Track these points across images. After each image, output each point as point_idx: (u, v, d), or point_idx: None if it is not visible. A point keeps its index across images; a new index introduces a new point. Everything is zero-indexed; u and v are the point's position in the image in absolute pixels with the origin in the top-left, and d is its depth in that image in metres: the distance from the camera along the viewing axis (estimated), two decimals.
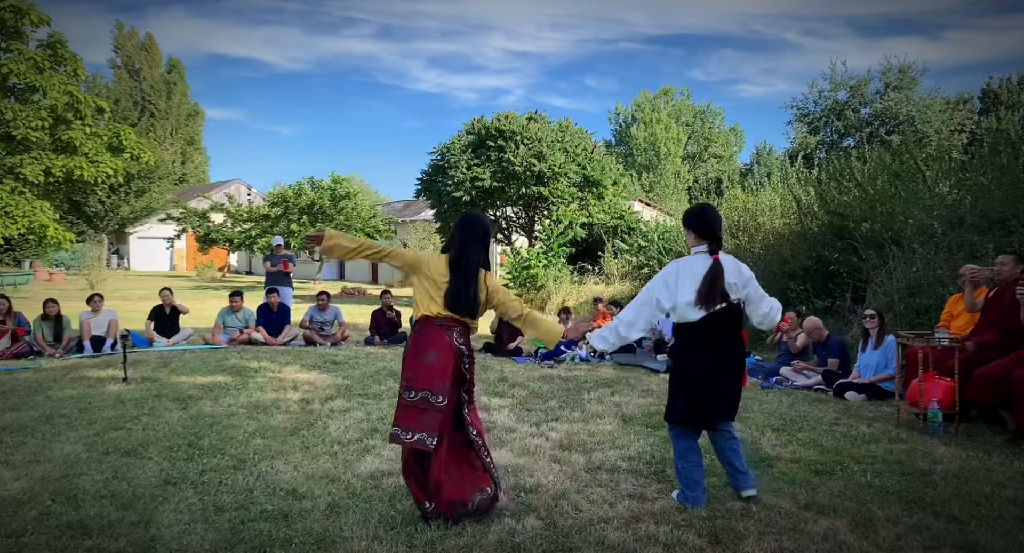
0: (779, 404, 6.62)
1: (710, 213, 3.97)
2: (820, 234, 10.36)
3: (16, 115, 16.86)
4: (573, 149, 18.37)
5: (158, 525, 3.38)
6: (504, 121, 17.77)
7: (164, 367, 7.86)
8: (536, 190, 17.32)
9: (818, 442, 5.17)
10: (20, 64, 17.33)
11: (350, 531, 3.43)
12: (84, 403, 6.00)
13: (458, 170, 17.45)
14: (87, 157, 17.59)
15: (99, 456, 4.51)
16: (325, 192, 24.50)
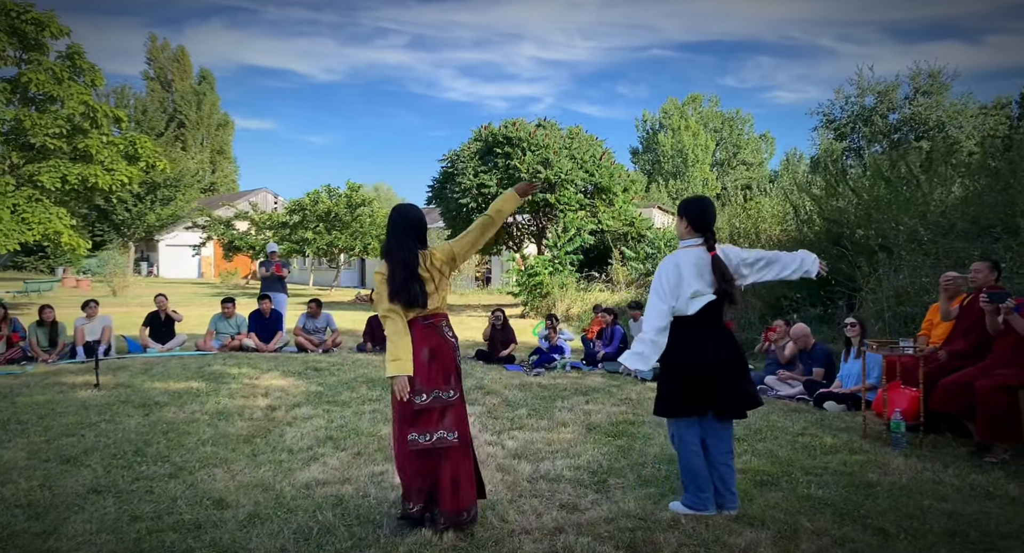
0: (753, 413, 6.42)
1: (709, 205, 3.86)
2: (816, 241, 10.12)
3: (34, 124, 17.26)
4: (581, 156, 18.26)
5: (61, 536, 3.36)
6: (511, 128, 17.74)
7: (144, 373, 7.93)
8: (543, 197, 17.24)
9: (774, 453, 5.03)
10: (39, 74, 17.75)
11: (258, 542, 3.39)
12: (47, 409, 6.06)
13: (465, 177, 17.45)
14: (103, 165, 17.92)
15: (38, 463, 4.53)
16: (342, 200, 24.68)
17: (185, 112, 57.33)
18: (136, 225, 34.61)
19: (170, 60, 61.10)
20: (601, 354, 10.17)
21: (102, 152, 18.07)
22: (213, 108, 59.23)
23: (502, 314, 10.44)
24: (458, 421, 3.61)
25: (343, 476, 4.49)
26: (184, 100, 57.87)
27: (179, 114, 57.30)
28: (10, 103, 18.02)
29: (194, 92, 58.51)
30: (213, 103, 59.49)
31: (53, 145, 17.63)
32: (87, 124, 18.15)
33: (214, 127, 58.52)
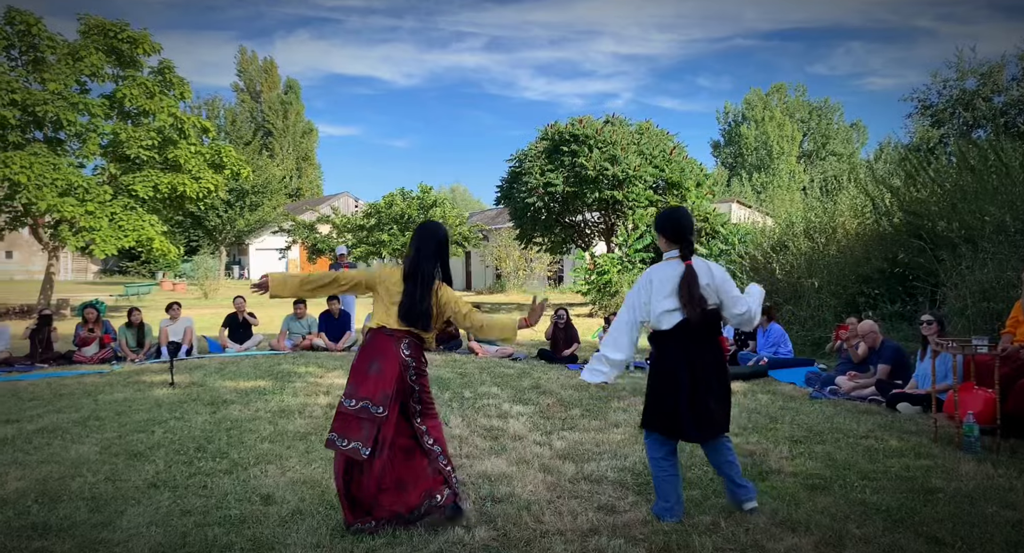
0: (817, 415, 6.21)
1: (682, 217, 3.80)
2: (895, 235, 9.62)
3: (129, 137, 18.34)
4: (650, 151, 17.96)
5: (115, 528, 3.54)
6: (578, 125, 17.63)
7: (217, 372, 8.29)
8: (610, 194, 17.05)
9: (831, 456, 4.82)
10: (133, 89, 18.84)
11: (295, 538, 3.48)
12: (125, 406, 6.42)
13: (531, 176, 17.45)
14: (190, 174, 18.87)
15: (107, 458, 4.80)
16: (414, 202, 25.15)
17: (272, 121, 59.62)
18: (227, 230, 36.29)
19: (259, 71, 63.64)
20: None
21: (190, 161, 19.04)
22: (298, 116, 61.35)
23: (565, 313, 10.39)
24: (380, 438, 3.55)
25: None
26: (271, 109, 60.19)
27: (267, 123, 59.66)
28: (108, 118, 19.20)
29: (281, 101, 60.76)
30: (298, 112, 61.61)
31: (146, 156, 18.69)
32: (176, 135, 19.15)
33: (299, 135, 60.62)
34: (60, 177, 17.00)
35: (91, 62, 18.36)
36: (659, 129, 19.78)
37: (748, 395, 7.31)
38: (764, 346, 9.36)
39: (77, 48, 18.45)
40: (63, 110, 17.39)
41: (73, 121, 17.75)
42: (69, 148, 19.10)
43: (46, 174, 16.79)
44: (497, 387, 7.48)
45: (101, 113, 18.51)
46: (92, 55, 18.46)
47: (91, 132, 18.31)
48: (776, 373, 8.61)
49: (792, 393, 7.46)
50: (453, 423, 5.91)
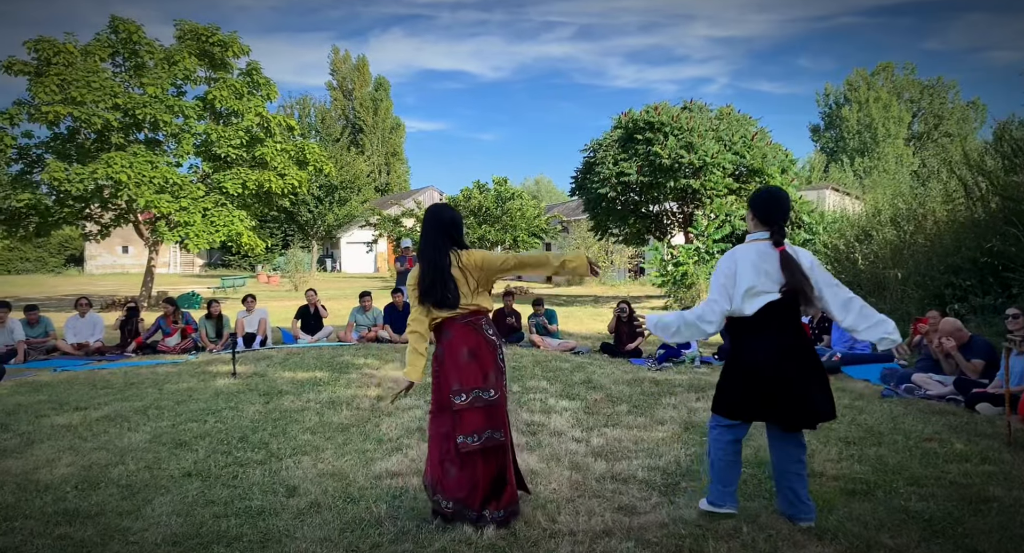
0: (882, 415, 5.81)
1: (780, 198, 3.54)
2: (990, 222, 8.87)
3: (220, 136, 19.20)
4: (730, 137, 17.30)
5: (139, 516, 3.67)
6: (653, 113, 17.18)
7: (281, 363, 8.55)
8: (686, 183, 16.55)
9: (883, 459, 4.49)
10: (223, 91, 19.70)
11: (305, 532, 3.51)
12: (186, 395, 6.70)
13: (604, 166, 17.15)
14: (276, 171, 19.59)
15: (154, 446, 5.00)
16: (491, 195, 25.25)
17: (363, 118, 61.30)
18: (317, 225, 37.58)
19: (351, 70, 65.51)
20: None
21: (276, 159, 19.76)
22: (387, 113, 62.80)
23: (627, 306, 10.14)
24: (503, 420, 3.60)
25: (417, 468, 4.55)
26: (362, 106, 61.88)
27: (358, 120, 61.40)
28: (201, 118, 20.17)
29: (371, 99, 62.36)
30: (387, 108, 63.07)
31: (235, 154, 19.54)
32: (262, 134, 19.92)
33: (388, 131, 62.07)
34: (157, 175, 17.98)
35: (184, 66, 19.30)
36: (741, 114, 19.04)
37: None
38: (839, 341, 8.85)
39: (172, 53, 19.43)
40: (159, 112, 18.37)
41: (168, 122, 18.73)
42: (167, 148, 20.17)
43: (144, 173, 17.80)
44: (547, 381, 7.38)
45: (194, 114, 19.44)
46: (185, 59, 19.40)
47: (185, 133, 19.27)
48: (850, 369, 8.12)
49: (863, 391, 7.01)
50: None
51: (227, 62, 20.78)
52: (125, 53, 19.75)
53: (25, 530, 3.43)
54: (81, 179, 17.20)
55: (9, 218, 18.76)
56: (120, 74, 19.70)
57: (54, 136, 19.10)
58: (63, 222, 19.83)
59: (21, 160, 19.24)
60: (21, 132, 18.82)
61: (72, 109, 17.52)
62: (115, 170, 17.30)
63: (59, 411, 6.02)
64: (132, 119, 18.47)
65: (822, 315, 9.37)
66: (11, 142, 18.41)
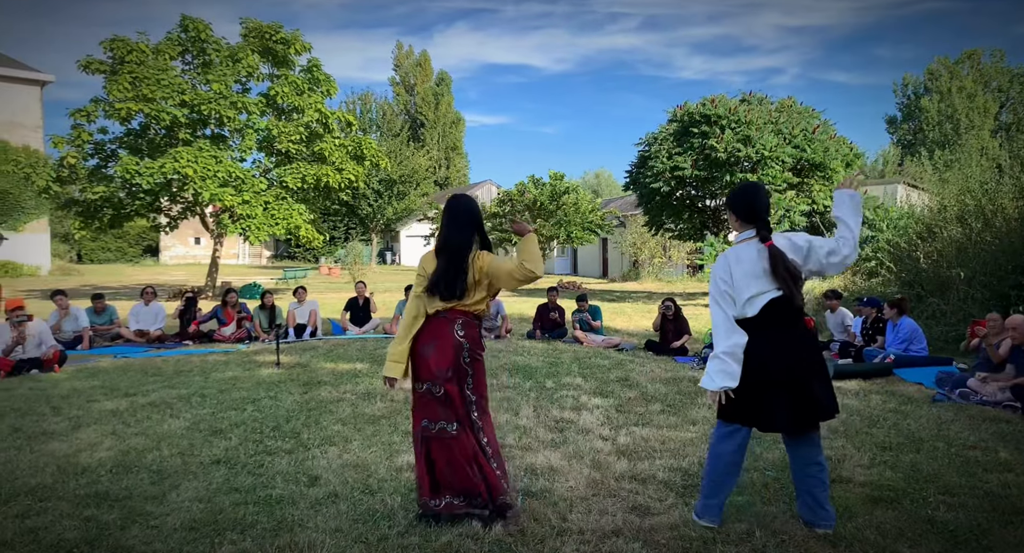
0: (928, 420, 5.58)
1: (757, 194, 3.45)
2: None
3: (280, 132, 19.71)
4: (789, 130, 16.79)
5: (164, 501, 3.81)
6: (709, 105, 16.80)
7: (325, 354, 8.73)
8: (743, 177, 16.14)
9: (917, 466, 4.32)
10: (285, 87, 20.20)
11: (318, 522, 3.58)
12: (230, 384, 6.91)
13: (658, 160, 16.87)
14: (334, 165, 20.00)
15: (190, 433, 5.18)
16: (546, 189, 25.16)
17: (424, 112, 61.94)
18: (377, 218, 38.23)
19: (413, 65, 66.24)
20: None
21: (334, 154, 20.17)
22: (448, 107, 63.28)
23: (672, 304, 9.99)
24: (459, 416, 3.58)
25: None
26: (424, 101, 62.52)
27: (419, 114, 62.09)
28: (264, 114, 20.73)
29: (433, 93, 62.93)
30: (448, 103, 63.54)
31: (295, 149, 20.03)
32: (321, 129, 20.35)
33: (448, 125, 62.55)
34: (221, 169, 18.58)
35: (248, 63, 19.86)
36: (803, 106, 18.46)
37: (859, 395, 6.68)
38: (893, 342, 8.50)
39: (236, 50, 20.01)
40: (223, 108, 18.96)
41: (232, 118, 19.32)
42: (232, 143, 20.81)
43: (209, 167, 18.41)
44: (582, 378, 7.32)
45: (257, 110, 19.99)
46: (249, 57, 19.96)
47: (249, 128, 19.84)
48: (904, 372, 7.79)
49: (914, 395, 6.72)
50: (523, 414, 5.85)
51: (289, 59, 21.27)
52: (194, 51, 20.45)
53: (56, 511, 3.60)
54: (151, 173, 17.90)
55: (85, 210, 19.68)
56: (189, 72, 20.41)
57: (127, 132, 19.92)
58: (135, 214, 20.68)
59: (97, 155, 20.13)
60: (97, 128, 19.72)
61: (143, 106, 18.24)
62: (182, 164, 17.94)
63: (109, 397, 6.30)
64: (198, 115, 19.12)
65: (876, 315, 9.03)
66: (88, 138, 19.31)
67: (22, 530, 3.34)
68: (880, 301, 9.12)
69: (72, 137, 19.18)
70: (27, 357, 7.66)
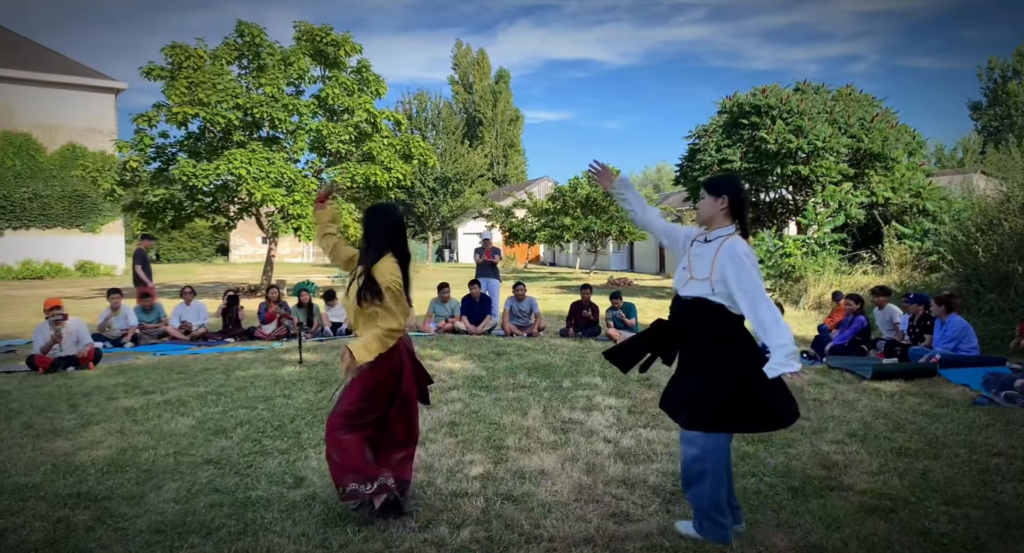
0: (958, 424, 5.24)
1: (747, 191, 3.36)
2: None
3: (330, 132, 20.02)
4: (845, 120, 16.05)
5: (141, 502, 3.82)
6: (760, 95, 16.21)
7: None
8: (794, 169, 15.51)
9: (929, 475, 4.04)
10: (335, 88, 20.51)
11: (286, 525, 3.53)
12: (248, 382, 6.98)
13: (706, 153, 16.38)
14: (382, 164, 20.19)
15: (193, 432, 5.22)
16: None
17: (483, 110, 62.17)
18: (433, 216, 38.56)
19: (472, 64, 66.57)
20: (829, 346, 8.94)
21: (382, 153, 20.37)
22: (507, 105, 63.33)
23: None
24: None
25: (428, 463, 4.51)
26: (482, 99, 62.77)
27: (477, 112, 62.36)
28: (315, 116, 21.09)
29: (491, 91, 63.10)
30: (507, 100, 63.60)
31: (344, 149, 20.32)
32: (370, 129, 20.58)
33: (506, 122, 62.62)
34: (273, 170, 18.99)
35: (299, 66, 20.24)
36: (862, 93, 17.64)
37: (894, 398, 6.29)
38: (941, 341, 7.99)
39: (288, 54, 20.42)
40: (275, 111, 19.37)
41: (284, 119, 19.72)
42: (286, 144, 21.25)
43: (262, 168, 18.84)
44: (601, 378, 7.12)
45: (309, 112, 20.36)
46: (300, 60, 20.35)
47: (300, 130, 20.22)
48: (950, 373, 7.31)
49: (955, 397, 6.28)
50: (531, 414, 5.72)
51: (340, 60, 21.58)
52: (249, 55, 20.97)
53: (31, 511, 3.65)
54: (206, 175, 18.43)
55: (148, 211, 20.43)
56: (245, 76, 20.92)
57: (187, 135, 20.58)
58: (195, 215, 21.36)
59: (159, 158, 20.86)
60: (158, 132, 20.44)
61: (198, 109, 18.79)
62: (235, 166, 18.41)
63: (129, 394, 6.44)
64: (252, 118, 19.58)
65: (923, 313, 8.52)
66: (150, 142, 20.01)
67: None
68: (928, 297, 8.60)
69: (135, 141, 19.93)
70: (64, 355, 7.93)
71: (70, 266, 29.95)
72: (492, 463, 4.51)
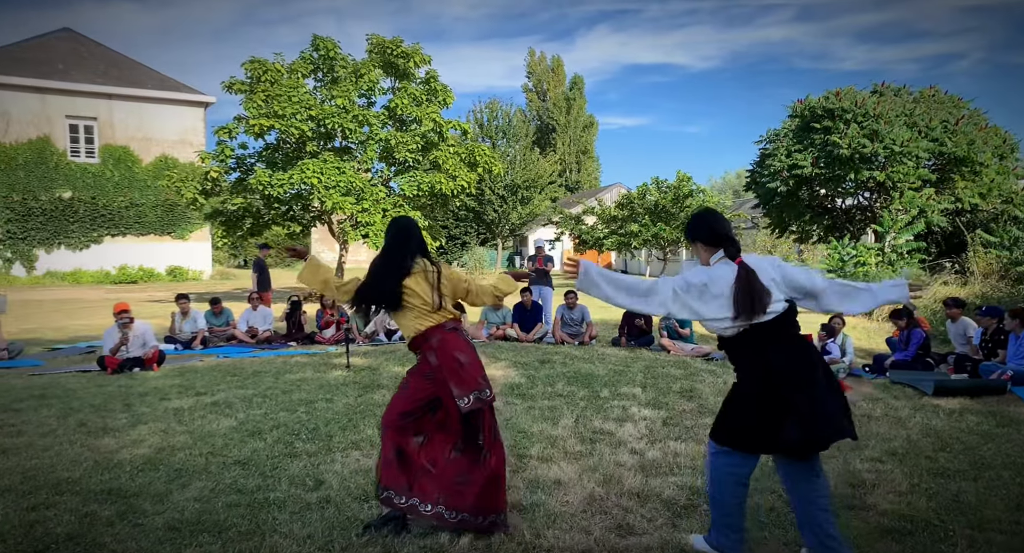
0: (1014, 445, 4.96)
1: (714, 216, 3.34)
2: None
3: (398, 142, 20.46)
4: (926, 123, 15.26)
5: (164, 499, 3.97)
6: (833, 99, 15.59)
7: (399, 358, 8.88)
8: (869, 175, 14.84)
9: (961, 497, 3.88)
10: (404, 99, 20.96)
11: (294, 527, 3.62)
12: (294, 386, 7.18)
13: (776, 158, 15.87)
14: (447, 173, 20.47)
15: (233, 433, 5.39)
16: (670, 191, 24.41)
17: (556, 117, 62.24)
18: (503, 224, 38.80)
19: (546, 71, 66.79)
20: (890, 360, 8.52)
21: (448, 161, 20.66)
22: (580, 111, 63.19)
23: None
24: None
25: None
26: (556, 106, 62.86)
27: (551, 119, 62.48)
28: (385, 126, 21.60)
29: (565, 98, 63.12)
30: (580, 107, 63.46)
31: (411, 159, 20.73)
32: (436, 138, 20.92)
33: (580, 129, 62.48)
34: (343, 180, 19.55)
35: (369, 78, 20.81)
36: (947, 95, 16.75)
37: (953, 415, 5.93)
38: (1015, 356, 7.49)
39: (359, 66, 21.01)
40: (346, 122, 19.95)
41: (354, 130, 20.28)
42: (357, 154, 21.83)
43: (333, 177, 19.43)
44: (641, 388, 6.98)
45: (378, 122, 20.87)
46: (371, 72, 20.91)
47: (371, 140, 20.74)
48: (1022, 390, 6.84)
49: (1020, 416, 5.87)
50: (562, 423, 5.67)
51: (409, 72, 22.04)
52: (324, 68, 21.71)
53: (64, 505, 3.85)
54: (281, 184, 19.15)
55: (228, 219, 21.36)
56: (320, 88, 21.63)
57: (265, 146, 21.44)
58: (272, 223, 22.21)
59: (238, 168, 21.79)
60: (238, 144, 21.35)
61: (274, 121, 19.54)
62: (307, 176, 19.05)
63: (181, 395, 6.73)
64: (324, 129, 20.21)
65: (997, 326, 8.01)
66: (230, 153, 20.94)
67: (23, 522, 3.60)
68: (1002, 310, 8.07)
69: (216, 152, 20.91)
70: (131, 356, 8.37)
71: (161, 271, 31.60)
72: (510, 472, 4.48)
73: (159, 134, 32.06)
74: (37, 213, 29.53)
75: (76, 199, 30.19)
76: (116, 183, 31.00)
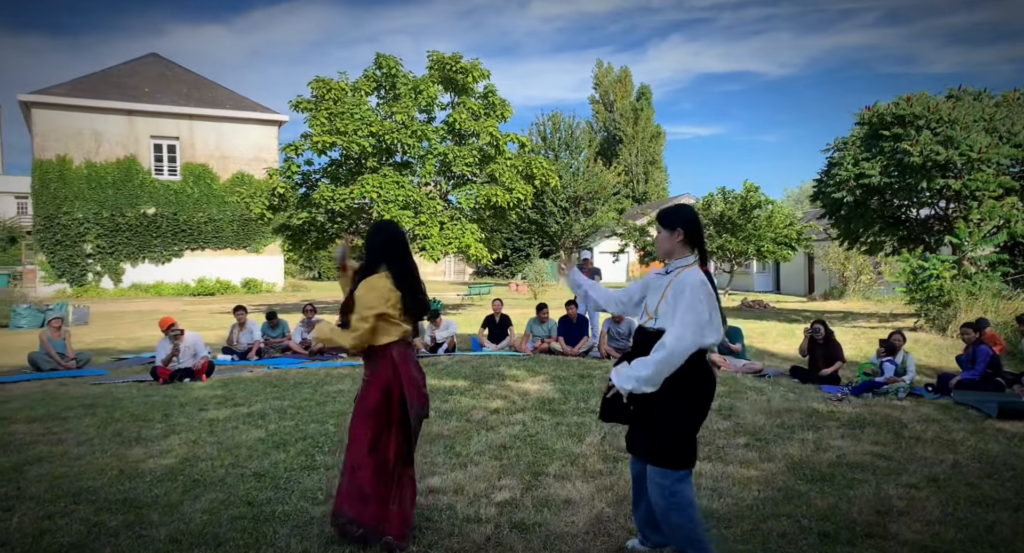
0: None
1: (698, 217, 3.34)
2: None
3: (456, 156, 20.66)
4: (1008, 127, 14.36)
5: (175, 510, 4.01)
6: (904, 104, 14.86)
7: (440, 370, 8.86)
8: (942, 183, 14.05)
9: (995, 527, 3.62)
10: (462, 114, 21.18)
11: (291, 541, 3.60)
12: (329, 398, 7.23)
13: (843, 167, 15.22)
14: (504, 185, 20.52)
15: (259, 445, 5.45)
16: (736, 202, 23.76)
17: (623, 128, 61.82)
18: (565, 236, 38.62)
19: (613, 82, 66.51)
20: (955, 380, 8.00)
21: (504, 174, 20.72)
22: (648, 122, 62.58)
23: (822, 327, 8.94)
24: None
25: (460, 486, 4.47)
26: (623, 117, 62.47)
27: (618, 130, 62.09)
28: (444, 140, 21.85)
29: (632, 109, 62.65)
30: (648, 117, 62.85)
31: (468, 172, 20.90)
32: (493, 151, 21.03)
33: (647, 139, 61.83)
34: (402, 193, 19.86)
35: (428, 94, 21.13)
36: None
37: (1014, 440, 5.49)
38: None
39: (419, 82, 21.36)
40: (404, 137, 20.29)
41: (413, 145, 20.60)
42: (416, 168, 22.15)
43: (392, 192, 19.76)
44: None
45: (437, 137, 21.14)
46: (430, 88, 21.24)
47: (429, 154, 21.03)
48: None
49: None
50: (588, 441, 5.51)
51: (468, 87, 22.26)
52: (386, 85, 22.18)
53: (77, 514, 3.94)
54: (343, 198, 19.60)
55: (294, 233, 21.97)
56: (382, 105, 22.08)
57: (329, 162, 22.01)
58: (336, 236, 22.74)
59: (304, 184, 22.42)
60: (304, 160, 21.99)
61: (336, 138, 20.04)
62: (367, 190, 19.45)
63: (220, 406, 6.88)
64: (383, 144, 20.61)
65: None
66: (296, 169, 21.58)
67: (35, 530, 3.70)
68: None
69: (284, 169, 21.59)
70: (183, 367, 8.63)
71: (237, 284, 32.78)
72: (522, 490, 4.38)
73: (235, 152, 33.36)
74: (124, 229, 31.13)
75: (159, 215, 31.71)
76: (196, 199, 32.39)
